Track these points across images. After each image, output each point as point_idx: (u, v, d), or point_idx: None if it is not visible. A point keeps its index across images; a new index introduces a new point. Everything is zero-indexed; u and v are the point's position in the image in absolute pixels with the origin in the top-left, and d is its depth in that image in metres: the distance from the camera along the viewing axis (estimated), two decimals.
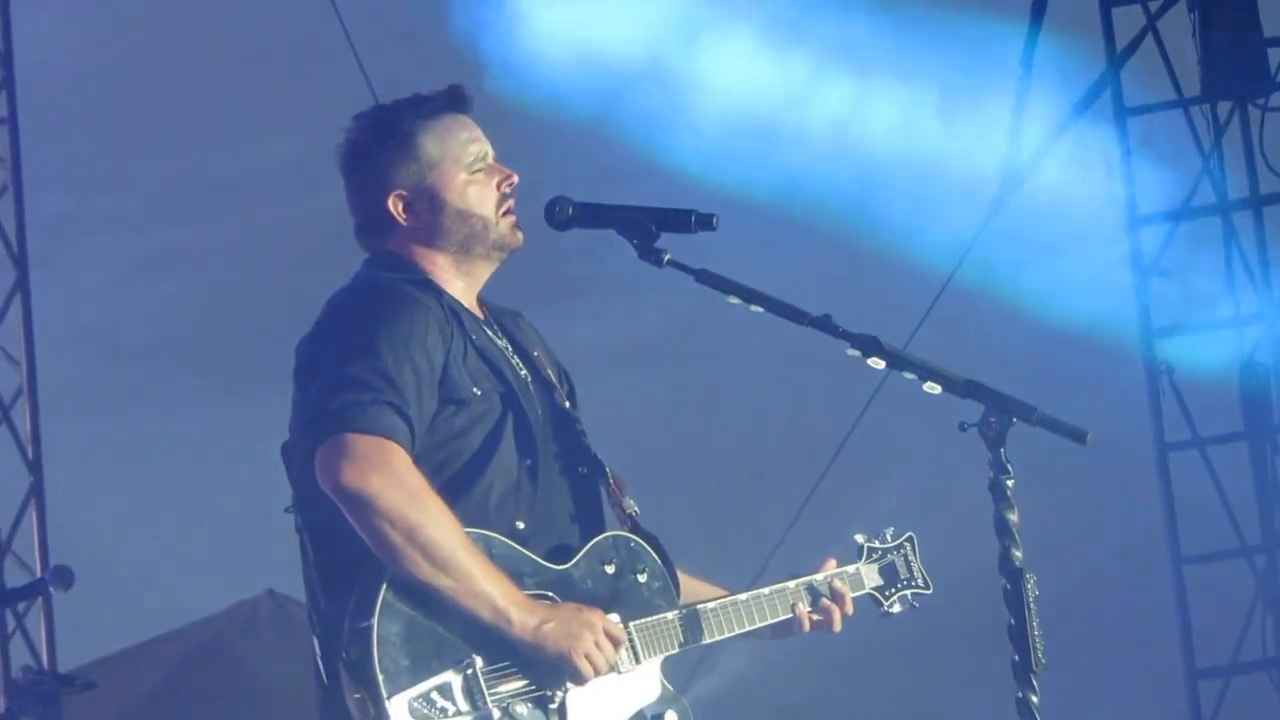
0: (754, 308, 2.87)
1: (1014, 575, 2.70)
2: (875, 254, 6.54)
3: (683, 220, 2.94)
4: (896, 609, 3.13)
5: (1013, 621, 2.68)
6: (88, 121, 9.29)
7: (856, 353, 2.84)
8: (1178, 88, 6.51)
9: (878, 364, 2.85)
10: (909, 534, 3.16)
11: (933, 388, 2.81)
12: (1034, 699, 2.63)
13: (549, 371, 2.97)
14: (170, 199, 9.74)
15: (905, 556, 3.15)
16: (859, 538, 3.14)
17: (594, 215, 2.97)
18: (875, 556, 3.13)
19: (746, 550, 3.00)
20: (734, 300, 2.88)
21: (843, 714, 7.07)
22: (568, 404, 2.96)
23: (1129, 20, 6.54)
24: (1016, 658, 2.67)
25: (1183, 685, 6.25)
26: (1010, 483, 2.74)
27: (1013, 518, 2.73)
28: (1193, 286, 6.45)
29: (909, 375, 2.83)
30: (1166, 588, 6.26)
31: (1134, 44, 6.51)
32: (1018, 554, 2.72)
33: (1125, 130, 6.47)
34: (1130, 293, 6.38)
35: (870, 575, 3.12)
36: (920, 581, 3.15)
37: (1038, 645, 2.67)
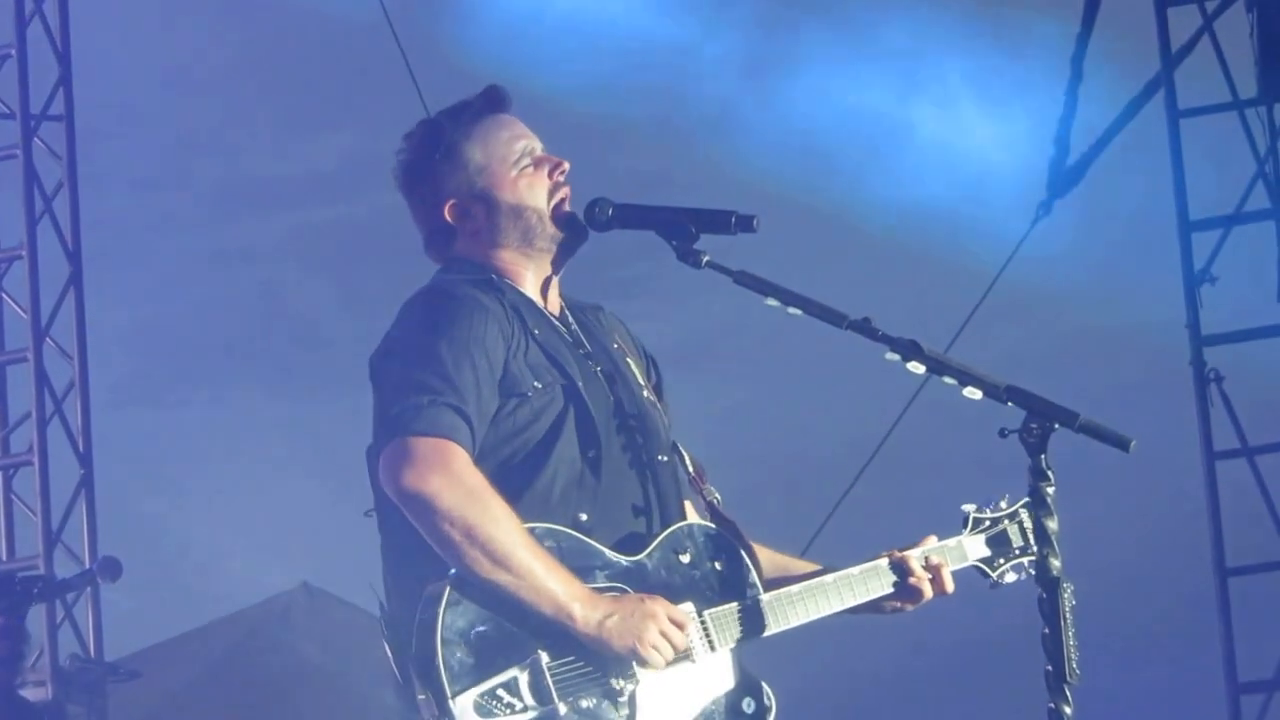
0: (792, 310, 2.84)
1: (1051, 584, 2.66)
2: (920, 257, 6.51)
3: (722, 221, 2.91)
4: (1009, 578, 2.97)
5: (1047, 630, 2.64)
6: (142, 121, 9.38)
7: (896, 357, 2.80)
8: (1233, 89, 6.42)
9: (917, 368, 2.81)
10: (1025, 499, 2.92)
11: (973, 393, 2.76)
12: (1067, 710, 2.59)
13: (629, 361, 2.98)
14: (221, 198, 9.82)
15: (1020, 524, 3.00)
16: (967, 508, 3.00)
17: (634, 216, 2.95)
18: (983, 527, 3.00)
19: (786, 549, 2.95)
20: (772, 302, 2.85)
21: None
22: (647, 393, 2.95)
23: (1184, 20, 6.45)
24: (1050, 667, 2.63)
25: (1224, 699, 6.14)
26: (1051, 490, 2.69)
27: (1052, 525, 2.68)
28: (1244, 293, 6.36)
29: (949, 380, 2.78)
30: (1210, 599, 6.16)
31: (1189, 45, 6.42)
32: (1055, 563, 2.67)
33: (1178, 133, 6.40)
34: (1180, 298, 6.31)
35: (976, 547, 2.99)
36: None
37: (1072, 656, 2.62)
